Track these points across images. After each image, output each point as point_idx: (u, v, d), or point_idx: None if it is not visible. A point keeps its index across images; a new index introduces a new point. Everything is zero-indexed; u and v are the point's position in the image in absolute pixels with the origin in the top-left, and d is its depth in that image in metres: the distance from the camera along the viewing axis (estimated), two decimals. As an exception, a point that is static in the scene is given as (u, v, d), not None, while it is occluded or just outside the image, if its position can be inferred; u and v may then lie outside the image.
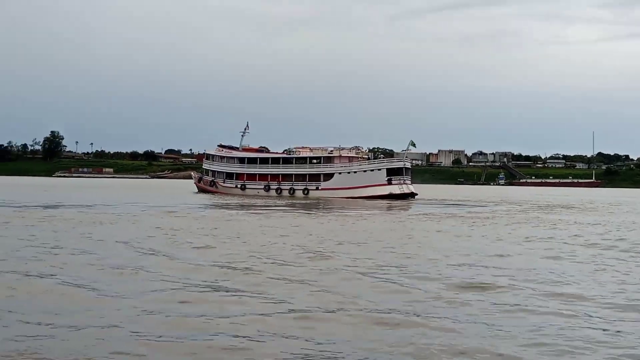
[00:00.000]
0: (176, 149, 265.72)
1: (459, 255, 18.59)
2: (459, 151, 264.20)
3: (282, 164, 72.39)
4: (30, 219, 28.59)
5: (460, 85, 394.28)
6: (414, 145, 71.64)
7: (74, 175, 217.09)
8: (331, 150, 72.82)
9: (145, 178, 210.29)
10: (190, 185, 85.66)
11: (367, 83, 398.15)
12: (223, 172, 74.77)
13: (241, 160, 74.15)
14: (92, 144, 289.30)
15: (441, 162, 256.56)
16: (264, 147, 78.77)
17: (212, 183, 75.25)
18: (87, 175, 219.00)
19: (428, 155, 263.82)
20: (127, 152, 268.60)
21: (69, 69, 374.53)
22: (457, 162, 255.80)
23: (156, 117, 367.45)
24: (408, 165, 70.41)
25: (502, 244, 22.05)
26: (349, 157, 71.82)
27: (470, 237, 24.75)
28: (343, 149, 73.35)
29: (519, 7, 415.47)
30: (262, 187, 71.66)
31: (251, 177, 73.05)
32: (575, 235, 26.05)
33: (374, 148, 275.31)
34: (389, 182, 67.52)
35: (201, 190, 76.76)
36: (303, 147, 74.36)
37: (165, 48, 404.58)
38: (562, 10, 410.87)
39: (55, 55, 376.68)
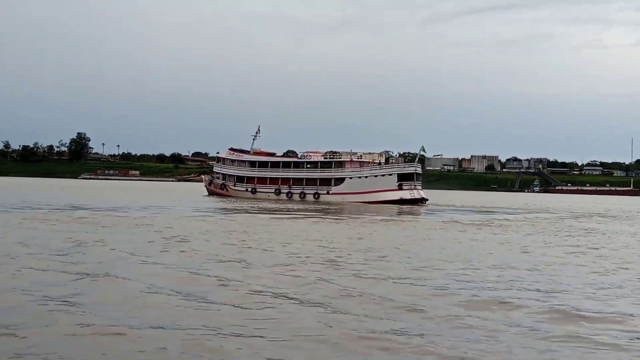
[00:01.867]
0: (203, 152, 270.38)
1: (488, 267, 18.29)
2: (493, 157, 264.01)
3: (293, 167, 75.07)
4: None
5: (495, 90, 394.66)
6: (424, 151, 73.43)
7: (100, 177, 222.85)
8: (340, 155, 75.27)
9: (172, 181, 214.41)
10: (200, 188, 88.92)
11: (400, 87, 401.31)
12: (234, 176, 77.66)
13: (252, 163, 76.95)
14: (118, 146, 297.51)
15: (474, 168, 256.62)
16: (274, 152, 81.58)
17: (223, 186, 78.13)
18: (113, 177, 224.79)
19: (460, 161, 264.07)
20: (153, 155, 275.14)
21: (98, 71, 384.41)
22: (490, 168, 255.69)
23: (184, 119, 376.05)
24: (419, 170, 72.31)
25: (527, 256, 21.50)
26: (360, 162, 74.00)
27: (486, 245, 24.68)
28: (355, 153, 75.41)
29: (554, 10, 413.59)
30: (273, 190, 74.32)
31: (262, 180, 75.86)
32: (616, 249, 24.81)
33: (404, 153, 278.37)
34: (400, 187, 69.61)
35: (211, 193, 79.63)
36: (315, 152, 76.75)
37: (195, 52, 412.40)
38: (598, 14, 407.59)
39: (83, 57, 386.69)
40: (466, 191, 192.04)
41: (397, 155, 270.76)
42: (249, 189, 75.89)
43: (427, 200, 70.31)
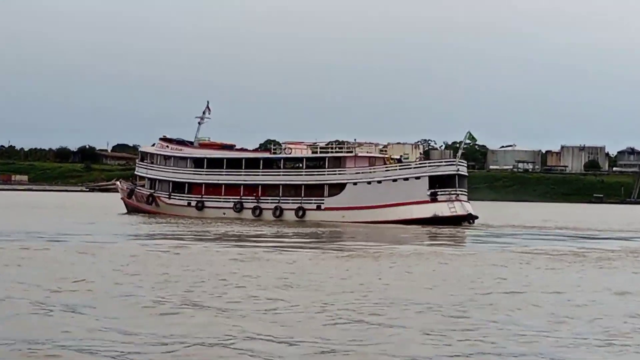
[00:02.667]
0: (130, 145, 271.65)
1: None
2: (596, 148, 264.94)
3: (264, 167, 77.12)
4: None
5: (600, 41, 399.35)
6: (472, 138, 75.01)
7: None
8: (340, 146, 77.15)
9: (81, 191, 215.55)
10: (114, 201, 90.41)
11: (447, 42, 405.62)
12: (168, 182, 79.95)
13: (198, 162, 79.06)
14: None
15: (566, 166, 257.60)
16: (232, 144, 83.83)
17: (151, 198, 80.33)
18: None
19: (544, 155, 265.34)
20: (51, 150, 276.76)
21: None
22: (592, 165, 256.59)
23: (99, 97, 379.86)
24: (463, 170, 74.21)
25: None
26: (369, 157, 75.84)
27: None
28: (361, 144, 77.32)
29: None
30: (232, 205, 76.40)
31: (213, 189, 77.94)
32: None
33: (453, 143, 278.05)
34: (433, 199, 71.66)
35: (133, 209, 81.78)
36: (297, 143, 78.97)
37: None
38: None
39: None
40: (551, 203, 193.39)
41: (443, 148, 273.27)
42: (193, 203, 78.07)
43: (476, 217, 72.22)
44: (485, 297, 25.14)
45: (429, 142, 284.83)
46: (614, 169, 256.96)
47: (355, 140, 79.07)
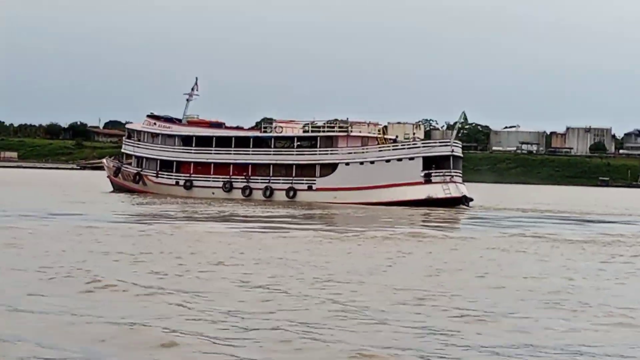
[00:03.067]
0: (123, 121, 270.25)
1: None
2: (602, 129, 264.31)
3: (254, 147, 76.20)
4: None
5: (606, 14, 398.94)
6: (465, 118, 74.06)
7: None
8: (332, 125, 76.20)
9: (73, 169, 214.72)
10: (100, 179, 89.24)
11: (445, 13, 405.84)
12: (156, 160, 78.98)
13: (186, 140, 78.27)
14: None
15: (571, 148, 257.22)
16: (221, 122, 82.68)
17: (138, 177, 79.33)
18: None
19: (549, 136, 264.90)
20: (41, 126, 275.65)
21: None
22: (598, 147, 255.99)
23: (91, 72, 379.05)
24: (458, 151, 73.28)
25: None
26: (362, 137, 74.74)
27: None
28: (354, 123, 76.29)
29: None
30: (221, 184, 75.58)
31: (202, 167, 77.10)
32: None
33: (455, 123, 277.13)
34: (427, 180, 70.83)
35: (119, 187, 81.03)
36: (288, 121, 77.79)
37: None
38: None
39: None
40: (556, 186, 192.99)
41: (445, 128, 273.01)
42: (181, 182, 77.26)
43: (471, 199, 71.38)
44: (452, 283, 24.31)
45: (430, 121, 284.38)
46: (621, 151, 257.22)
47: (347, 118, 77.00)
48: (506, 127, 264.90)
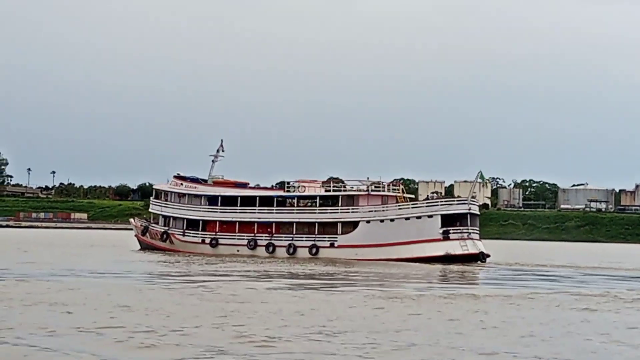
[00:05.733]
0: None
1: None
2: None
3: (277, 206, 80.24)
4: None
5: None
6: (482, 177, 77.18)
7: (24, 223, 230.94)
8: (341, 186, 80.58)
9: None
10: (128, 238, 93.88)
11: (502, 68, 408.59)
12: (182, 219, 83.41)
13: (212, 199, 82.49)
14: (54, 173, 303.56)
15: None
16: (245, 182, 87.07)
17: (165, 235, 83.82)
18: (45, 223, 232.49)
19: (618, 194, 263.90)
20: (110, 188, 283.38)
21: (22, 61, 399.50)
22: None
23: (161, 133, 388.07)
24: (475, 209, 76.32)
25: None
26: (382, 196, 78.38)
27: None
28: (373, 183, 79.75)
29: None
30: (245, 242, 79.54)
31: (227, 226, 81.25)
32: None
33: (522, 182, 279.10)
34: (445, 237, 73.95)
35: (146, 246, 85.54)
36: (310, 181, 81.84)
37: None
38: None
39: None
40: (625, 244, 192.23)
41: (512, 186, 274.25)
42: (207, 240, 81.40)
43: (488, 256, 74.22)
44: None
45: (497, 180, 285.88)
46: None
47: (368, 178, 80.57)
48: (574, 185, 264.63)
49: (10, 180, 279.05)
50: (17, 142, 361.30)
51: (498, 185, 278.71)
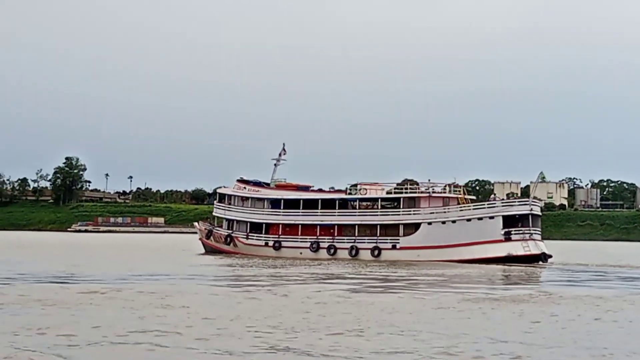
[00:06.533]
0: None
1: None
2: None
3: (339, 209, 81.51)
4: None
5: None
6: (543, 178, 77.62)
7: (102, 228, 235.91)
8: (416, 188, 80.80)
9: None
10: (193, 242, 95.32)
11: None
12: (246, 222, 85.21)
13: (274, 202, 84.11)
14: (131, 178, 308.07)
15: None
16: (308, 185, 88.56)
17: (229, 239, 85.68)
18: (122, 227, 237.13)
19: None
20: (187, 192, 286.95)
21: (92, 71, 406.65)
22: None
23: (233, 136, 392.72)
24: (537, 210, 76.85)
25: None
26: (443, 197, 79.34)
27: None
28: (435, 185, 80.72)
29: None
30: (308, 245, 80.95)
31: (290, 229, 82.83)
32: None
33: (600, 181, 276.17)
34: (507, 238, 74.63)
35: (211, 249, 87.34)
36: (372, 184, 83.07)
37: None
38: None
39: (73, 51, 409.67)
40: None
41: (590, 186, 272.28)
42: (270, 243, 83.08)
43: (550, 256, 74.83)
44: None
45: (574, 180, 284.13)
46: None
47: (429, 180, 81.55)
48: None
49: (89, 185, 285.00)
50: (95, 148, 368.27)
51: (575, 186, 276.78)
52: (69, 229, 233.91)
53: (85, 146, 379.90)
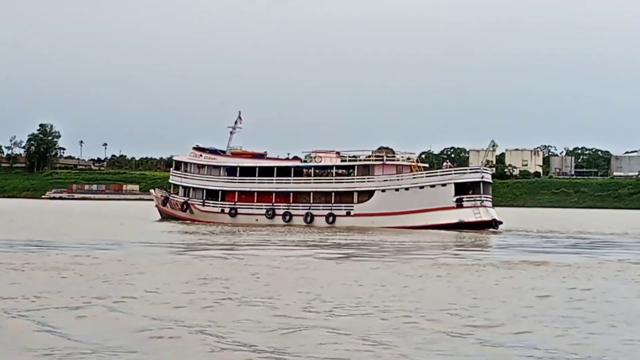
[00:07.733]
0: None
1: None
2: None
3: (295, 176, 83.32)
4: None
5: None
6: (494, 147, 79.21)
7: (77, 195, 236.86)
8: (369, 156, 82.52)
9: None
10: (148, 209, 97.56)
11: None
12: (202, 189, 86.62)
13: (231, 170, 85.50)
14: (105, 145, 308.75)
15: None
16: (263, 153, 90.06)
17: (185, 206, 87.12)
18: (97, 195, 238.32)
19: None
20: (162, 159, 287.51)
21: (69, 35, 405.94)
22: None
23: (211, 100, 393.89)
24: (488, 177, 78.70)
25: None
26: (397, 165, 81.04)
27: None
28: (391, 153, 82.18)
29: None
30: (264, 211, 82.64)
31: (246, 196, 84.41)
32: None
33: (575, 149, 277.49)
34: (459, 205, 76.50)
35: (167, 216, 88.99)
36: (327, 152, 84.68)
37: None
38: None
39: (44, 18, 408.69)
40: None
41: (564, 154, 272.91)
42: (227, 210, 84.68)
43: (500, 223, 76.68)
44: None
45: (549, 147, 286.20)
46: None
47: (382, 148, 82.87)
48: (627, 152, 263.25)
49: (63, 152, 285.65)
50: (70, 115, 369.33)
51: (550, 154, 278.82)
52: (43, 196, 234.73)
53: (59, 113, 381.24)
